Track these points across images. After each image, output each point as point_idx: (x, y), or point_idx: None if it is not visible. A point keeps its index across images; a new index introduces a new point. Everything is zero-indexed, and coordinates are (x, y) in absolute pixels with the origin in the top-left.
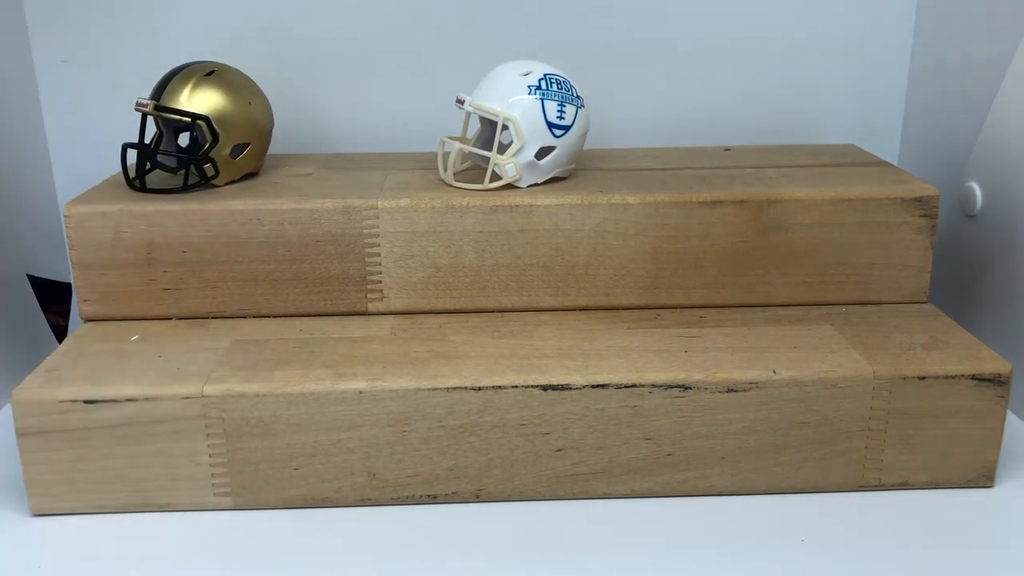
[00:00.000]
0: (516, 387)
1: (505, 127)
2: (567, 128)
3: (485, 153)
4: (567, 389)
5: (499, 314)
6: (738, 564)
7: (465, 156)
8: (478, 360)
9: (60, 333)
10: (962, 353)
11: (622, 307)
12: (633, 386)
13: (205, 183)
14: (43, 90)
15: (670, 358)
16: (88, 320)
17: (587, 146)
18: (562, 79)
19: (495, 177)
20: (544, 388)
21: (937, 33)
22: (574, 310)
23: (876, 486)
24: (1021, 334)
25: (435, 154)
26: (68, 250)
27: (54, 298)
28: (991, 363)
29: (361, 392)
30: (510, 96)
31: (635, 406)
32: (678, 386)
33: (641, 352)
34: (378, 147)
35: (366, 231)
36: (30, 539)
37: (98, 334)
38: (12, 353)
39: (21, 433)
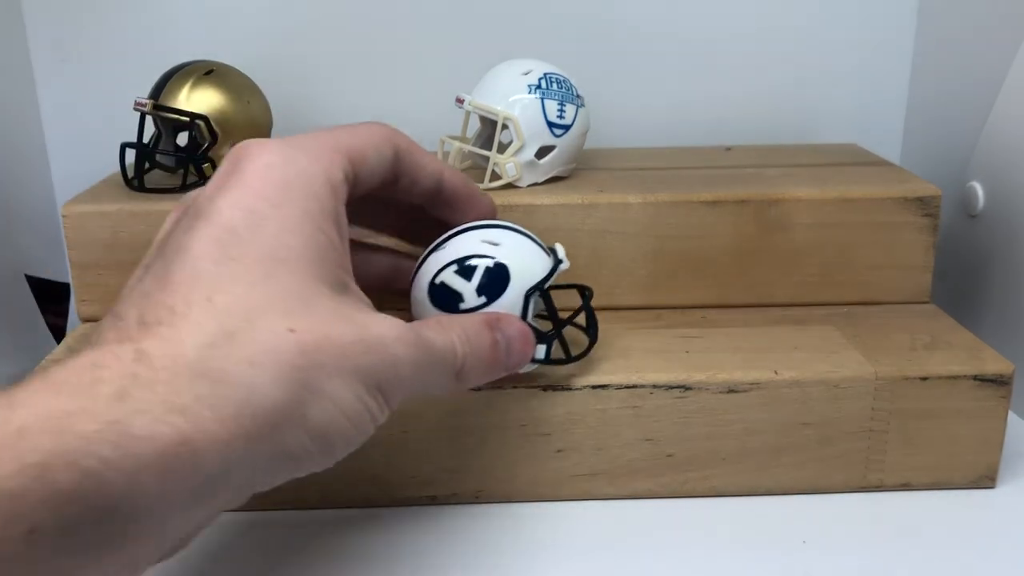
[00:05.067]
0: (516, 387)
1: (505, 126)
2: (567, 127)
3: (485, 152)
4: (567, 389)
5: None
6: (739, 564)
7: (465, 155)
8: None
9: (58, 333)
10: (964, 353)
11: (622, 307)
12: (634, 387)
13: (204, 183)
14: (41, 90)
15: (671, 358)
16: (86, 320)
17: (587, 146)
18: (562, 78)
19: (495, 176)
20: (544, 388)
21: (939, 32)
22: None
23: (878, 487)
24: (1023, 334)
25: (435, 154)
26: (66, 250)
27: (52, 298)
28: (993, 363)
29: None
30: (510, 95)
31: (636, 407)
32: (679, 387)
33: (642, 352)
34: None
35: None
36: None
37: None
38: (10, 353)
39: None
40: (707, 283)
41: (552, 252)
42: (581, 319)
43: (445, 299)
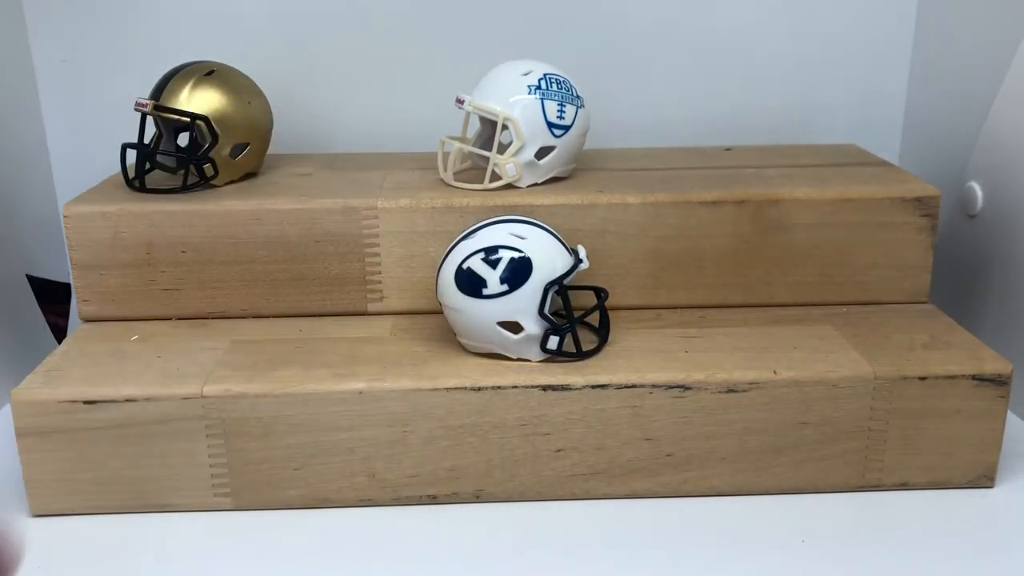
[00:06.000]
0: (516, 387)
1: (505, 127)
2: (567, 128)
3: (485, 153)
4: (567, 389)
5: None
6: (738, 564)
7: (465, 156)
8: (478, 360)
9: (59, 333)
10: (963, 353)
11: (622, 307)
12: (633, 386)
13: (205, 183)
14: (43, 90)
15: (670, 358)
16: (87, 320)
17: (587, 146)
18: (562, 79)
19: (495, 177)
20: (544, 388)
21: (937, 33)
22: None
23: (876, 486)
24: (1021, 334)
25: (435, 154)
26: (67, 250)
27: (53, 298)
28: (991, 363)
29: (361, 392)
30: (510, 96)
31: (635, 406)
32: (678, 386)
33: (641, 352)
34: (378, 147)
35: (366, 231)
36: (30, 539)
37: (98, 334)
38: (12, 353)
39: (21, 433)
40: (706, 283)
41: (574, 252)
42: (595, 319)
43: (470, 283)
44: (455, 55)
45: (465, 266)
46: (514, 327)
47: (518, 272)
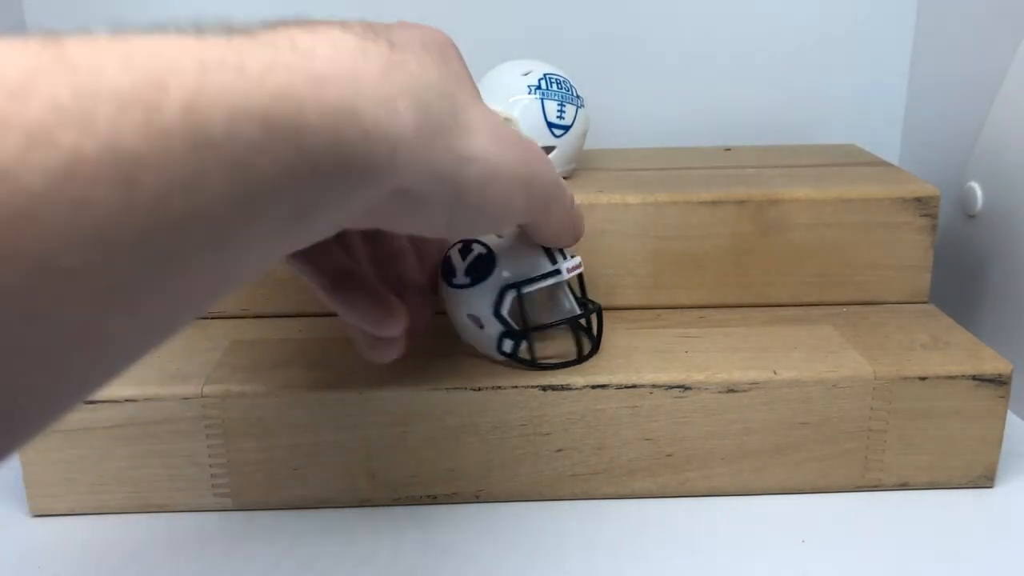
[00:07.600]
0: (516, 387)
1: None
2: (567, 128)
3: None
4: (567, 389)
5: None
6: (738, 564)
7: None
8: (478, 360)
9: None
10: (963, 353)
11: (622, 307)
12: (633, 386)
13: None
14: None
15: (670, 358)
16: None
17: (587, 146)
18: (562, 79)
19: None
20: (544, 388)
21: (937, 33)
22: None
23: (876, 486)
24: (1021, 334)
25: None
26: None
27: None
28: (992, 363)
29: (361, 392)
30: (510, 96)
31: (635, 407)
32: (678, 386)
33: (641, 352)
34: None
35: None
36: (30, 539)
37: None
38: None
39: None
40: (706, 283)
41: (565, 259)
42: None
43: (445, 270)
44: None
45: (448, 254)
46: (477, 321)
47: (479, 268)
